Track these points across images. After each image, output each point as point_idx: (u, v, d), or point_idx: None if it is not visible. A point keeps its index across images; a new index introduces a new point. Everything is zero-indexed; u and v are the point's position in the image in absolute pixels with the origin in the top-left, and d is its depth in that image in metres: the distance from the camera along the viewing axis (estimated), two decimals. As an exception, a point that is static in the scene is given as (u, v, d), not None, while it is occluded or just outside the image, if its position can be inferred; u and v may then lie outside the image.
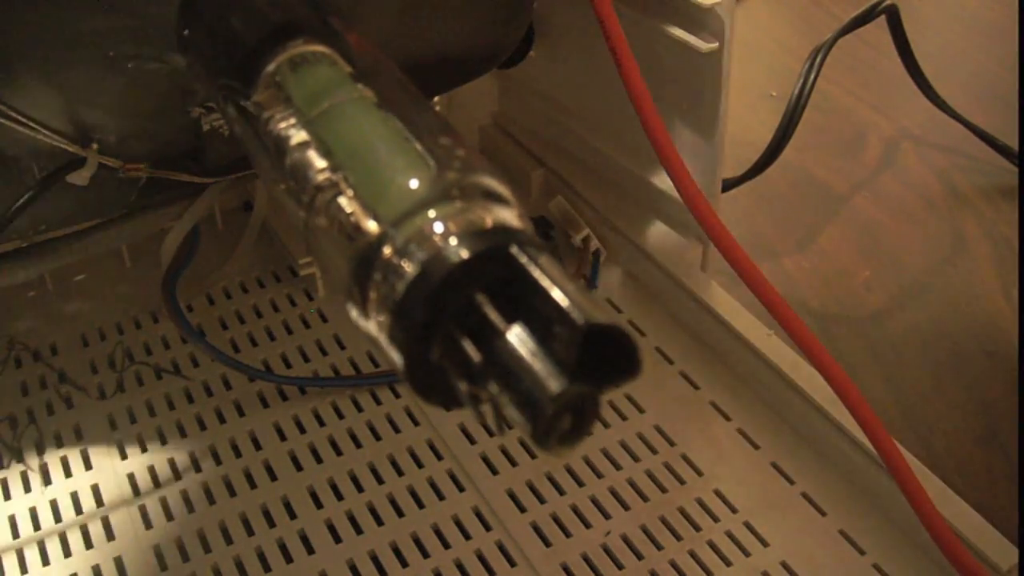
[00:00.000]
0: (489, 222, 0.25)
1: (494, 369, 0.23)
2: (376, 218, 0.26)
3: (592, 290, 0.55)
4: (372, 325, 0.26)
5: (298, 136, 0.29)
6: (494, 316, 0.23)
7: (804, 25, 0.88)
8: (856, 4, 0.67)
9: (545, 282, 0.23)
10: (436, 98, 0.62)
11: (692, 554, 0.43)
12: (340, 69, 0.30)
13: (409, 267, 0.24)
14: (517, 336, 0.23)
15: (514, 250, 0.24)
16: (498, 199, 0.26)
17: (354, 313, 0.26)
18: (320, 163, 0.28)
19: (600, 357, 0.23)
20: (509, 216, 0.25)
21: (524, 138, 0.62)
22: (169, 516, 0.45)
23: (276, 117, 0.29)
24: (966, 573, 0.37)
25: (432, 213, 0.25)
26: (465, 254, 0.24)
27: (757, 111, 0.75)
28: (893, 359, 0.57)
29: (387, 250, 0.25)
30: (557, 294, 0.23)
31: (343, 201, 0.27)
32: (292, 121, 0.29)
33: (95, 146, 0.41)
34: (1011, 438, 0.52)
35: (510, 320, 0.24)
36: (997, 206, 0.67)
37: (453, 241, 0.24)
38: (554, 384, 0.22)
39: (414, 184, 0.26)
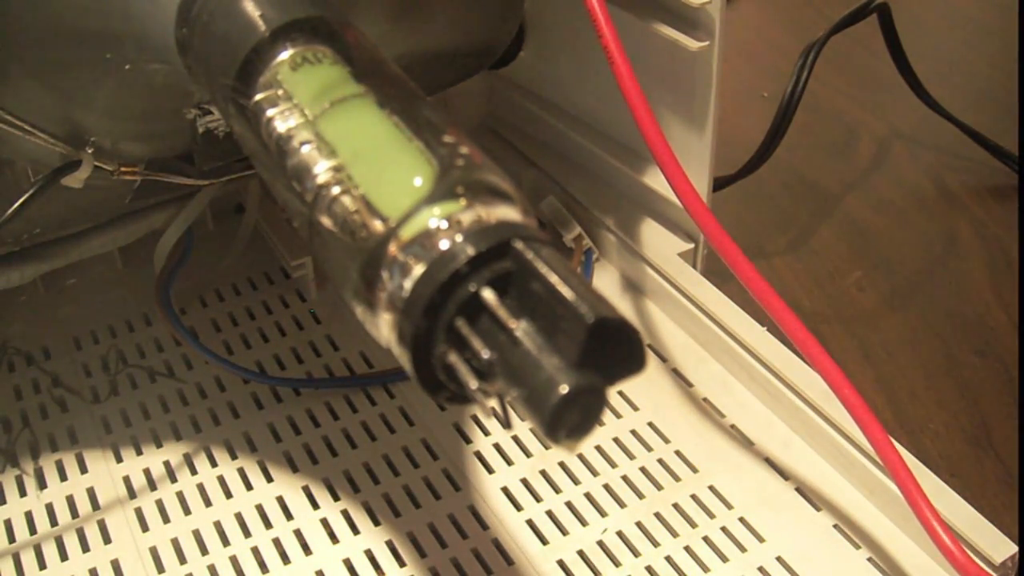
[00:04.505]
0: (494, 218, 0.25)
1: (503, 365, 0.24)
2: (381, 217, 0.26)
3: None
4: (379, 323, 0.26)
5: (300, 136, 0.29)
6: (502, 312, 0.24)
7: (795, 25, 0.88)
8: (847, 4, 0.67)
9: (552, 277, 0.23)
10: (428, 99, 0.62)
11: (688, 550, 0.43)
12: (340, 68, 0.30)
13: (416, 265, 0.25)
14: (525, 331, 0.24)
15: (520, 245, 0.24)
16: (502, 195, 0.26)
17: (360, 311, 0.27)
18: (323, 163, 0.28)
19: (604, 351, 0.23)
20: (513, 212, 0.25)
21: (515, 139, 0.62)
22: (165, 518, 0.45)
23: (277, 117, 0.29)
24: (960, 566, 0.38)
25: (437, 210, 0.25)
26: (471, 251, 0.24)
27: (748, 111, 0.75)
28: (884, 359, 0.57)
29: (393, 248, 0.25)
30: (564, 289, 0.23)
31: (347, 200, 0.27)
32: (293, 121, 0.29)
33: (90, 149, 0.41)
34: (1002, 438, 0.53)
35: (517, 315, 0.24)
36: (988, 206, 0.68)
37: (459, 238, 0.24)
38: (563, 379, 0.22)
39: (418, 182, 0.26)
